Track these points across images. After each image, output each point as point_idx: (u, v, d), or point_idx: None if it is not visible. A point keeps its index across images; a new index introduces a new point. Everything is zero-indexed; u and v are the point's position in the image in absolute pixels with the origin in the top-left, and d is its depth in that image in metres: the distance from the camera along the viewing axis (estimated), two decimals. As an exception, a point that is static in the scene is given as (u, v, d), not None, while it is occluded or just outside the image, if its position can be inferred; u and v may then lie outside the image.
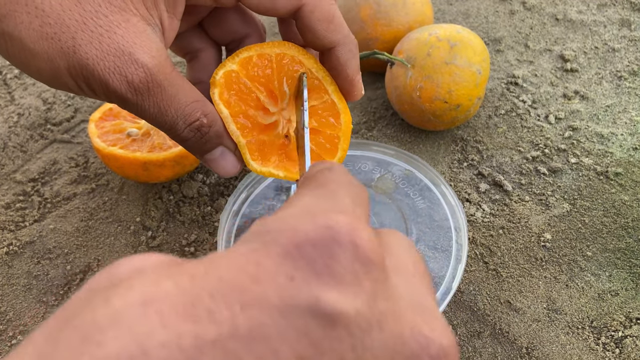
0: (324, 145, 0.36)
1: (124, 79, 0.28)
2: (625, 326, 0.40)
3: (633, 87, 0.57)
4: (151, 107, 0.30)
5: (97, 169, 0.52)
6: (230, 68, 0.33)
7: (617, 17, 0.65)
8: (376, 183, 0.46)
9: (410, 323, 0.17)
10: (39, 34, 0.27)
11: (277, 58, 0.34)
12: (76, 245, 0.46)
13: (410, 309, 0.17)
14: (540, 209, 0.47)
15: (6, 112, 0.58)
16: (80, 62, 0.27)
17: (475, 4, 0.68)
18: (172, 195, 0.49)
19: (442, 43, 0.48)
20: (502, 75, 0.59)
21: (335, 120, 0.36)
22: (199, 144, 0.33)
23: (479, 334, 0.40)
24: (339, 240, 0.17)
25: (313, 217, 0.17)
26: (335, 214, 0.17)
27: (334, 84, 0.35)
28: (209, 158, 0.34)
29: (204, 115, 0.32)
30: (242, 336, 0.14)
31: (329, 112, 0.35)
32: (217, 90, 0.33)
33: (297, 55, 0.34)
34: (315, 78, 0.34)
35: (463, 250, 0.41)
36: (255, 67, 0.34)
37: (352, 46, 0.34)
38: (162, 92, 0.30)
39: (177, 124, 0.31)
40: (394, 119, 0.55)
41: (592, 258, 0.44)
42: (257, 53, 0.34)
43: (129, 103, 0.29)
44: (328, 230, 0.17)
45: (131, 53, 0.28)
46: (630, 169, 0.49)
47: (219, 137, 0.33)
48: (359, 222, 0.18)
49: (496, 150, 0.52)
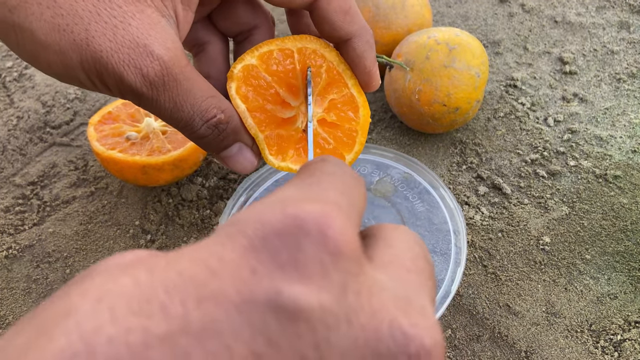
0: (342, 139, 0.36)
1: (139, 72, 0.27)
2: (624, 329, 0.40)
3: (632, 90, 0.57)
4: (167, 102, 0.29)
5: (96, 172, 0.52)
6: (250, 62, 0.33)
7: (616, 19, 0.65)
8: (375, 186, 0.46)
9: (388, 317, 0.16)
10: (50, 26, 0.26)
11: (298, 52, 0.33)
12: (75, 249, 0.46)
13: (392, 303, 0.16)
14: (539, 212, 0.47)
15: (5, 115, 0.58)
16: (93, 55, 0.26)
17: (474, 6, 0.68)
18: (171, 199, 0.49)
19: (440, 46, 0.48)
20: (501, 77, 0.59)
21: (354, 114, 0.35)
22: (216, 141, 0.32)
23: (478, 337, 0.40)
24: (306, 230, 0.16)
25: (283, 206, 0.16)
26: (307, 203, 0.17)
27: (354, 78, 0.35)
28: (225, 155, 0.33)
29: (221, 112, 0.31)
30: (194, 332, 0.14)
31: (348, 105, 0.35)
32: (234, 84, 0.33)
33: (320, 49, 0.34)
34: (336, 71, 0.34)
35: (462, 254, 0.41)
36: (276, 62, 0.33)
37: (368, 37, 0.33)
38: (178, 87, 0.29)
39: (193, 121, 0.30)
40: (392, 121, 0.55)
41: (591, 261, 0.44)
42: (278, 47, 0.33)
43: (144, 98, 0.28)
44: (295, 219, 0.16)
45: (146, 45, 0.27)
46: (629, 172, 0.49)
47: (236, 133, 0.33)
48: (334, 211, 0.17)
49: (495, 153, 0.52)
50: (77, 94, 0.60)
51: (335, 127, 0.36)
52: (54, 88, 0.61)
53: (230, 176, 0.51)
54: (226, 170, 0.51)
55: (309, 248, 0.16)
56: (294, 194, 0.18)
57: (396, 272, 0.18)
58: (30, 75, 0.63)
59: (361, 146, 0.36)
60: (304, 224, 0.16)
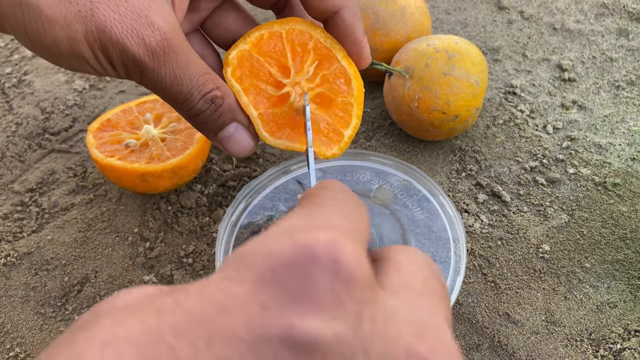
0: (337, 115, 0.37)
1: (142, 41, 0.28)
2: (624, 338, 0.40)
3: (631, 97, 0.57)
4: (167, 74, 0.30)
5: (95, 179, 0.52)
6: (243, 48, 0.35)
7: (614, 26, 0.65)
8: (375, 194, 0.46)
9: (405, 345, 0.15)
10: None
11: (287, 33, 0.35)
12: (74, 256, 0.46)
13: (407, 330, 0.16)
14: (539, 219, 0.47)
15: (4, 121, 0.58)
16: (98, 26, 0.27)
17: (473, 13, 0.69)
18: (170, 206, 0.49)
19: (440, 54, 0.48)
20: (500, 84, 0.59)
21: (347, 87, 0.36)
22: (213, 118, 0.33)
23: (478, 346, 0.40)
24: (317, 259, 0.15)
25: (290, 236, 0.16)
26: (315, 231, 0.16)
27: (343, 50, 0.36)
28: (222, 136, 0.34)
29: (217, 88, 0.32)
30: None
31: (340, 78, 0.36)
32: (229, 68, 0.34)
33: (306, 28, 0.35)
34: (324, 47, 0.35)
35: (462, 262, 0.41)
36: (267, 45, 0.35)
37: (356, 9, 0.34)
38: (178, 59, 0.30)
39: (192, 95, 0.31)
40: (392, 128, 0.55)
41: (590, 269, 0.44)
42: (267, 31, 0.35)
43: (147, 69, 0.29)
44: (304, 249, 0.16)
45: (147, 16, 0.28)
46: (629, 180, 0.49)
47: (232, 111, 0.33)
48: (343, 237, 0.16)
49: (494, 160, 0.52)
50: (76, 100, 0.60)
51: (330, 102, 0.36)
52: (53, 94, 0.61)
53: (229, 183, 0.51)
54: (225, 177, 0.51)
55: (321, 277, 0.15)
56: (300, 223, 0.17)
57: (408, 297, 0.18)
58: (30, 82, 0.63)
59: (358, 119, 0.37)
60: (313, 253, 0.15)
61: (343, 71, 0.36)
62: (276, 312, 0.15)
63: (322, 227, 0.17)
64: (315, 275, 0.15)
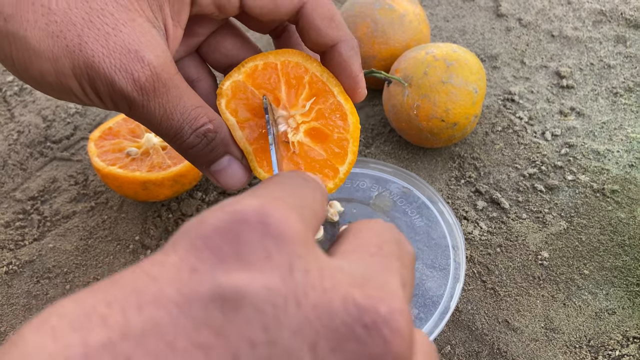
0: (333, 151, 0.36)
1: (130, 77, 0.28)
2: (622, 345, 0.40)
3: (629, 104, 0.57)
4: (157, 108, 0.29)
5: (96, 186, 0.52)
6: (237, 78, 0.34)
7: (612, 33, 0.65)
8: (374, 201, 0.46)
9: (341, 294, 0.15)
10: (44, 32, 0.26)
11: (282, 65, 0.34)
12: (75, 264, 0.46)
13: (347, 282, 0.16)
14: (538, 226, 0.47)
15: (6, 129, 0.59)
16: (86, 61, 0.27)
17: (472, 20, 0.69)
18: (171, 214, 0.49)
19: (438, 62, 0.48)
20: (499, 91, 0.60)
21: (343, 122, 0.35)
22: (205, 152, 0.32)
23: (477, 353, 0.40)
24: (246, 221, 0.16)
25: (222, 207, 0.17)
26: (246, 199, 0.17)
27: (339, 85, 0.35)
28: (215, 169, 0.33)
29: (210, 121, 0.31)
30: (135, 336, 0.14)
31: (335, 113, 0.35)
32: (223, 100, 0.34)
33: (302, 61, 0.34)
34: (319, 81, 0.35)
35: (461, 269, 0.41)
36: (261, 76, 0.34)
37: (354, 43, 0.34)
38: (168, 93, 0.29)
39: (182, 129, 0.31)
40: (391, 136, 0.56)
41: (589, 276, 0.44)
42: (262, 62, 0.34)
43: (135, 104, 0.29)
44: (234, 213, 0.16)
45: (137, 51, 0.28)
46: (627, 186, 0.50)
47: (225, 144, 0.33)
48: (275, 203, 0.17)
49: (493, 167, 0.52)
50: (77, 108, 0.60)
51: (325, 137, 0.36)
52: (54, 102, 0.61)
53: (229, 191, 0.51)
54: (226, 185, 0.51)
55: (250, 237, 0.16)
56: (236, 198, 0.18)
57: (357, 257, 0.18)
58: (31, 90, 0.63)
59: (354, 155, 0.36)
60: (242, 216, 0.16)
61: (339, 106, 0.35)
62: (206, 273, 0.15)
63: (255, 196, 0.17)
64: (244, 236, 0.16)
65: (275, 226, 0.16)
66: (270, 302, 0.15)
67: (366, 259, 0.18)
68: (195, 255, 0.16)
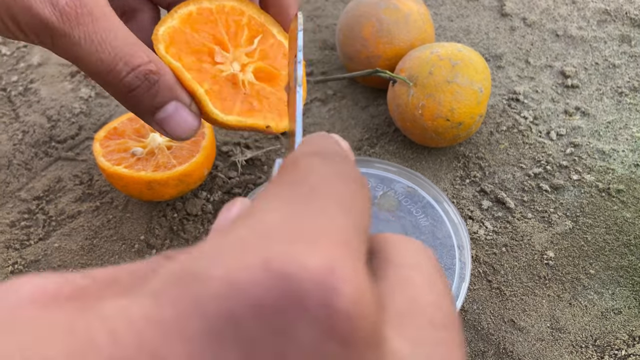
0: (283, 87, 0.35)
1: (49, 0, 0.25)
2: (629, 345, 0.40)
3: (634, 103, 0.57)
4: (82, 39, 0.26)
5: (101, 186, 0.52)
6: (171, 24, 0.32)
7: (617, 33, 0.65)
8: (379, 200, 0.46)
9: None
10: None
11: (217, 9, 0.33)
12: (81, 264, 0.46)
13: None
14: (543, 226, 0.47)
15: (11, 129, 0.59)
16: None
17: (476, 20, 0.69)
18: (176, 213, 0.49)
19: (443, 62, 0.48)
20: (503, 91, 0.60)
21: (287, 60, 0.35)
22: (149, 97, 0.29)
23: (483, 353, 0.40)
24: (302, 304, 0.10)
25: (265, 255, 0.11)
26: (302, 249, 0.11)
27: (278, 25, 0.35)
28: (161, 117, 0.30)
29: (150, 61, 0.28)
30: None
31: (278, 52, 0.35)
32: (161, 45, 0.31)
33: (237, 4, 0.34)
34: (257, 23, 0.34)
35: (466, 269, 0.41)
36: (198, 21, 0.33)
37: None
38: (95, 23, 0.26)
39: (116, 65, 0.27)
40: (396, 135, 0.56)
41: (595, 276, 0.44)
42: (196, 7, 0.33)
43: (57, 32, 0.26)
44: (285, 282, 0.10)
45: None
46: (632, 186, 0.50)
47: (170, 89, 0.30)
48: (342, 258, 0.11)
49: (498, 167, 0.52)
50: (82, 108, 0.60)
51: (274, 77, 0.35)
52: (59, 102, 0.61)
53: (234, 190, 0.51)
54: (231, 184, 0.51)
55: (307, 337, 0.10)
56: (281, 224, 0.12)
57: (419, 335, 0.13)
58: (36, 90, 0.63)
59: (304, 91, 0.35)
60: (301, 295, 0.10)
61: (280, 45, 0.35)
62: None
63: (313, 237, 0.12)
64: (298, 335, 0.10)
65: (345, 319, 0.10)
66: None
67: (428, 338, 0.13)
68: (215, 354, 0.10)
